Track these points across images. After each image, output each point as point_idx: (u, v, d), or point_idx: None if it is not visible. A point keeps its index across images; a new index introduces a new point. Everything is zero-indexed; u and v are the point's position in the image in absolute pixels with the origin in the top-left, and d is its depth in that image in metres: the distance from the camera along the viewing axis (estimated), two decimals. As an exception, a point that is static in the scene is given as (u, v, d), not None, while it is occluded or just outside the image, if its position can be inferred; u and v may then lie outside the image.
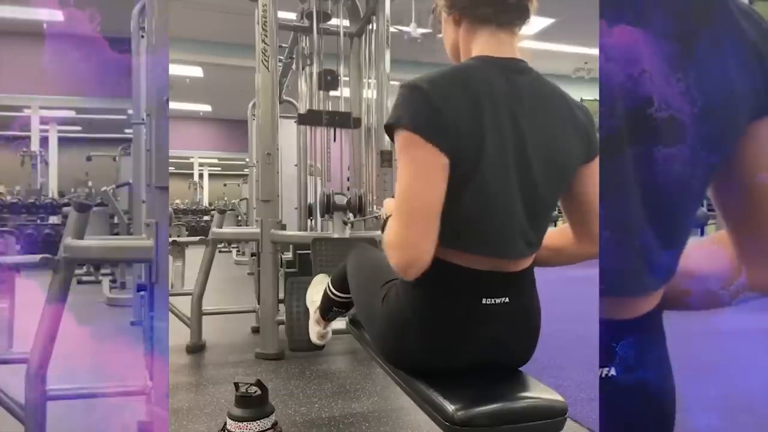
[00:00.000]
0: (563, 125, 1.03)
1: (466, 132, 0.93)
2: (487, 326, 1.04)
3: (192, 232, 10.73)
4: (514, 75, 1.00)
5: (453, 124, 0.93)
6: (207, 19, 7.67)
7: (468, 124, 0.94)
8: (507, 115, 0.97)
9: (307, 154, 4.10)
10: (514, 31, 1.05)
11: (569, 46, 9.17)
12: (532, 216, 1.01)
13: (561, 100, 1.05)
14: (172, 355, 2.84)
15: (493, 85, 0.98)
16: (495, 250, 1.00)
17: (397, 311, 1.09)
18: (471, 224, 0.98)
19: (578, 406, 2.18)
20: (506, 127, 0.96)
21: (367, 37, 3.53)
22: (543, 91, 1.03)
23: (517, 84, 1.00)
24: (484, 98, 0.95)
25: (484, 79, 0.98)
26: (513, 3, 1.02)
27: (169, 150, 1.47)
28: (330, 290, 1.55)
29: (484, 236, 0.99)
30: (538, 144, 0.99)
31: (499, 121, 0.96)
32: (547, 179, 1.01)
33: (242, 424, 1.51)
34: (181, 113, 13.66)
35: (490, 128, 0.95)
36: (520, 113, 0.98)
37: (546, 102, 1.03)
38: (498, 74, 0.99)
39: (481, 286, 1.02)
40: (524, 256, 1.05)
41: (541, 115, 1.01)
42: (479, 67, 1.01)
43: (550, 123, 1.01)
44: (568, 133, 1.03)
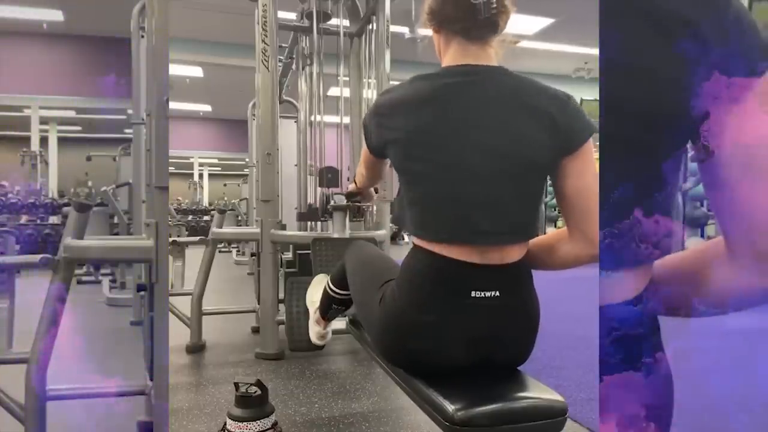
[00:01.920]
0: (524, 119, 1.05)
1: (412, 139, 1.10)
2: (478, 320, 1.05)
3: (192, 232, 10.73)
4: (468, 77, 1.09)
5: (398, 138, 1.12)
6: (207, 19, 7.67)
7: (411, 132, 1.09)
8: (459, 115, 1.06)
9: (307, 154, 4.11)
10: (485, 41, 1.13)
11: (569, 46, 9.16)
12: (496, 204, 1.05)
13: (525, 95, 1.07)
14: (172, 355, 2.84)
15: (443, 91, 1.09)
16: (461, 235, 1.05)
17: (393, 310, 1.10)
18: (439, 217, 1.07)
19: (578, 406, 2.18)
20: (457, 125, 1.06)
21: (367, 37, 3.53)
22: (500, 88, 1.08)
23: (471, 87, 1.08)
24: (428, 106, 1.08)
25: (434, 88, 1.10)
26: (482, 19, 1.09)
27: (169, 150, 1.47)
28: (329, 287, 1.55)
29: (446, 221, 1.07)
30: (491, 138, 1.05)
31: (447, 123, 1.06)
32: (504, 170, 1.05)
33: (242, 424, 1.51)
34: (181, 113, 13.66)
35: (437, 131, 1.07)
36: (471, 111, 1.06)
37: (503, 98, 1.07)
38: (452, 79, 1.10)
39: (469, 278, 1.04)
40: (497, 243, 1.06)
41: (495, 111, 1.06)
42: (437, 75, 1.13)
43: (505, 117, 1.06)
44: (530, 126, 1.05)
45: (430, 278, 1.07)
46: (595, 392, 0.56)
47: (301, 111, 4.30)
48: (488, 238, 1.05)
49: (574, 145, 1.06)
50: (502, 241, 1.06)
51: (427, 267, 1.07)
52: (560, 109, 1.06)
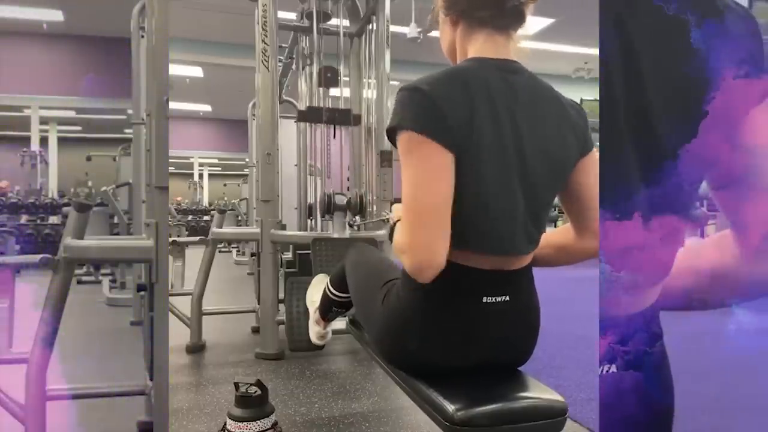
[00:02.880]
0: (558, 123, 1.05)
1: (466, 132, 0.95)
2: (488, 325, 1.04)
3: (192, 232, 10.72)
4: (510, 75, 1.03)
5: (455, 124, 0.94)
6: (207, 19, 7.67)
7: (467, 123, 0.95)
8: (505, 115, 0.99)
9: (307, 154, 4.11)
10: (509, 33, 1.08)
11: (569, 46, 9.16)
12: (531, 214, 1.03)
13: (555, 99, 1.07)
14: (172, 355, 2.84)
15: (491, 85, 0.99)
16: (496, 248, 1.02)
17: (397, 311, 1.09)
18: (472, 223, 0.99)
19: (578, 406, 2.18)
20: (504, 126, 0.98)
21: (367, 37, 3.53)
22: (538, 91, 1.05)
23: (514, 84, 1.02)
24: (482, 98, 0.97)
25: (481, 79, 1.00)
26: (509, 7, 1.04)
27: (169, 150, 1.47)
28: (329, 290, 1.55)
29: (485, 235, 1.00)
30: (536, 142, 1.01)
31: (497, 120, 0.98)
32: (545, 177, 1.03)
33: (242, 424, 1.51)
34: (181, 113, 13.65)
35: (488, 127, 0.97)
36: (517, 112, 1.00)
37: (541, 101, 1.05)
38: (495, 74, 1.01)
39: (482, 284, 1.03)
40: (524, 254, 1.06)
41: (537, 113, 1.03)
42: (476, 67, 1.02)
43: (545, 121, 1.03)
44: (564, 131, 1.05)
45: (440, 283, 1.00)
46: (595, 392, 0.56)
47: (301, 108, 4.30)
48: (508, 250, 1.03)
49: (589, 146, 1.08)
50: (520, 252, 1.05)
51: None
52: (577, 111, 1.08)
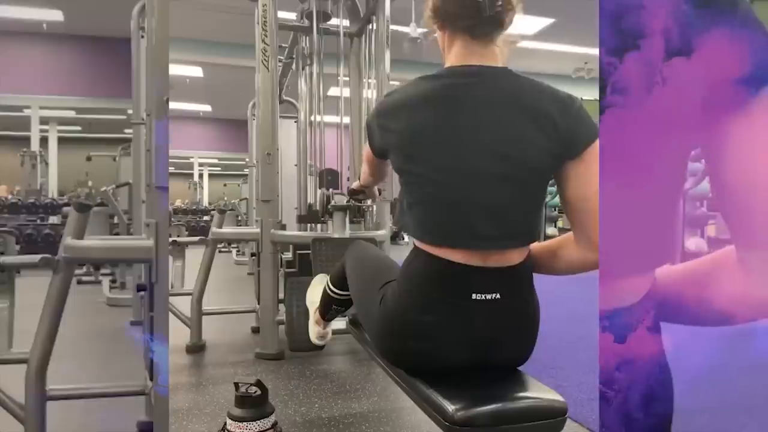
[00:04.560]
0: (523, 125, 1.04)
1: (413, 142, 1.09)
2: (478, 322, 1.05)
3: (192, 232, 10.72)
4: (471, 80, 1.08)
5: (399, 141, 1.12)
6: (207, 19, 7.67)
7: (412, 135, 1.09)
8: (461, 117, 1.05)
9: (307, 154, 4.11)
10: (489, 40, 1.11)
11: (569, 46, 9.16)
12: (496, 208, 1.04)
13: (524, 96, 1.06)
14: (172, 355, 2.84)
15: (441, 94, 1.08)
16: (461, 241, 1.05)
17: (394, 311, 1.10)
18: (441, 221, 1.06)
19: (578, 406, 2.18)
20: (453, 130, 1.05)
21: (367, 37, 3.53)
22: (504, 91, 1.07)
23: (472, 87, 1.07)
24: (427, 109, 1.08)
25: (432, 89, 1.09)
26: (487, 17, 1.07)
27: (169, 150, 1.47)
28: (329, 288, 1.55)
29: (447, 226, 1.06)
30: (487, 142, 1.04)
31: (444, 125, 1.06)
32: (502, 174, 1.04)
33: (242, 424, 1.51)
34: (181, 113, 13.65)
35: (436, 134, 1.06)
36: (474, 114, 1.05)
37: (501, 101, 1.06)
38: (453, 82, 1.09)
39: (470, 280, 1.04)
40: (497, 248, 1.05)
41: (492, 114, 1.05)
42: (440, 76, 1.12)
43: (502, 122, 1.04)
44: (526, 128, 1.04)
45: (430, 280, 1.06)
46: (595, 392, 0.56)
47: (301, 111, 4.31)
48: (489, 243, 1.05)
49: (577, 149, 1.04)
50: (503, 246, 1.06)
51: (428, 269, 1.07)
52: (563, 111, 1.04)
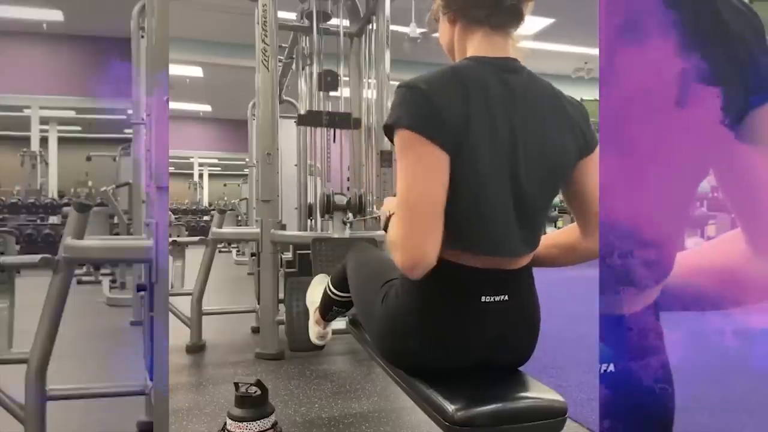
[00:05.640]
0: (556, 123, 1.04)
1: (462, 131, 0.95)
2: (486, 324, 1.04)
3: (192, 232, 10.72)
4: (507, 74, 1.02)
5: (451, 123, 0.94)
6: (207, 19, 7.67)
7: (464, 123, 0.95)
8: (502, 115, 0.99)
9: (307, 154, 4.10)
10: (508, 32, 1.07)
11: (569, 46, 9.16)
12: (526, 214, 1.02)
13: (554, 98, 1.06)
14: (172, 355, 2.84)
15: (488, 85, 0.99)
16: (492, 248, 1.02)
17: (396, 311, 1.09)
18: (467, 224, 0.99)
19: (578, 406, 2.18)
20: (501, 126, 0.98)
21: (367, 37, 3.53)
22: (535, 90, 1.05)
23: (511, 84, 1.01)
24: (479, 98, 0.97)
25: (479, 78, 0.99)
26: (507, 6, 1.04)
27: (169, 150, 1.47)
28: (329, 290, 1.55)
29: (480, 235, 1.00)
30: (531, 143, 1.01)
31: (494, 120, 0.98)
32: (540, 177, 1.02)
33: (242, 424, 1.51)
34: (181, 113, 13.65)
35: (484, 128, 0.97)
36: (514, 113, 1.00)
37: (538, 100, 1.04)
38: (492, 74, 1.01)
39: (480, 284, 1.03)
40: (521, 254, 1.06)
41: (535, 114, 1.02)
42: (474, 67, 1.02)
43: (542, 121, 1.03)
44: (562, 131, 1.04)
45: (438, 283, 1.02)
46: (595, 392, 0.56)
47: (301, 111, 4.30)
48: (508, 249, 1.03)
49: (591, 146, 1.07)
50: (517, 253, 1.05)
51: (436, 271, 1.00)
52: (580, 112, 1.08)
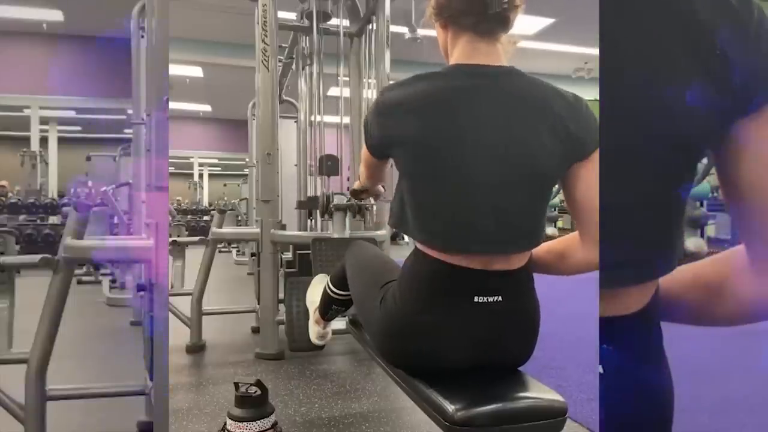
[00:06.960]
0: (535, 126, 1.03)
1: (415, 139, 1.04)
2: (480, 324, 1.05)
3: (192, 232, 10.72)
4: (480, 80, 1.05)
5: (395, 135, 1.08)
6: (207, 19, 7.67)
7: (418, 132, 1.03)
8: (466, 119, 1.02)
9: (307, 154, 4.11)
10: (494, 38, 1.09)
11: (569, 46, 9.16)
12: (502, 213, 1.03)
13: (539, 101, 1.05)
14: (172, 355, 2.84)
15: (454, 93, 1.04)
16: (462, 248, 1.04)
17: (394, 313, 1.10)
18: (454, 226, 1.04)
19: (578, 406, 2.18)
20: (463, 130, 1.02)
21: (367, 37, 3.53)
22: (514, 93, 1.05)
23: (482, 90, 1.04)
24: (439, 106, 1.04)
25: (445, 87, 1.05)
26: (493, 14, 1.05)
27: (169, 150, 1.47)
28: (329, 288, 1.55)
29: (463, 236, 1.04)
30: (499, 145, 1.02)
31: (455, 126, 1.02)
32: (515, 179, 1.02)
33: (242, 424, 1.51)
34: (181, 113, 13.65)
35: (442, 133, 1.02)
36: (480, 117, 1.02)
37: (514, 105, 1.04)
38: (462, 82, 1.05)
39: (473, 284, 1.04)
40: (505, 253, 1.05)
41: (506, 117, 1.03)
42: (444, 75, 1.08)
43: (513, 124, 1.03)
44: (542, 134, 1.02)
45: (432, 282, 1.05)
46: (595, 392, 0.55)
47: (301, 111, 4.31)
48: (494, 248, 1.04)
49: (587, 151, 1.04)
50: (507, 251, 1.05)
51: (430, 271, 1.06)
52: (574, 115, 1.04)
